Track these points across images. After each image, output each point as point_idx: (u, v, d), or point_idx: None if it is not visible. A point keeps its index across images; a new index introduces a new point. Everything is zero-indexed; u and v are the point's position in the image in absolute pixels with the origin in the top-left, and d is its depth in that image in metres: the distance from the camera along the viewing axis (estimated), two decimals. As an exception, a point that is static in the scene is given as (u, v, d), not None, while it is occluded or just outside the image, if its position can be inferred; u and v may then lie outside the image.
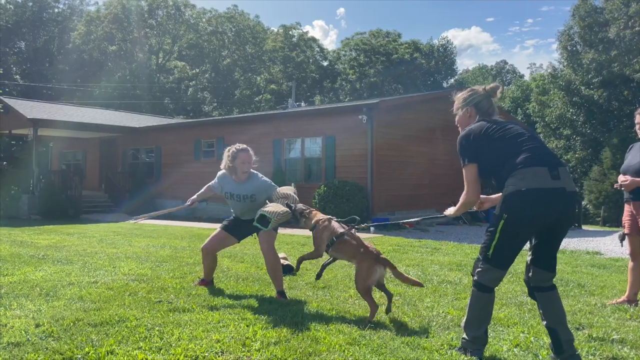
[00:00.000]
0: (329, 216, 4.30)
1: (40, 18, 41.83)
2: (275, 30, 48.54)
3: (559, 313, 2.96)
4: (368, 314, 3.94)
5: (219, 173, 4.81)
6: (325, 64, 48.90)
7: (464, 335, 3.08)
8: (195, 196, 5.04)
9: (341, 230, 4.06)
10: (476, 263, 3.06)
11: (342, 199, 13.09)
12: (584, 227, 17.40)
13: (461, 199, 3.11)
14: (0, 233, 10.40)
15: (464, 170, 3.05)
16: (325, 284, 5.32)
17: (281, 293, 4.52)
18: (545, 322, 3.00)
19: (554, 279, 3.05)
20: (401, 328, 3.66)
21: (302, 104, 41.49)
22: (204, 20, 44.83)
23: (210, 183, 4.97)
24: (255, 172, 4.74)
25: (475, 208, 3.37)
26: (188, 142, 18.24)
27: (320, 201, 13.36)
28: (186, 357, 2.87)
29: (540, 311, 3.03)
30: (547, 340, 3.50)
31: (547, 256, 3.00)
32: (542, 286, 3.02)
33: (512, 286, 5.56)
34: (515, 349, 3.29)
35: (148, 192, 19.04)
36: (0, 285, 4.78)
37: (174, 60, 45.49)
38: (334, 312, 4.03)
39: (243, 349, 3.04)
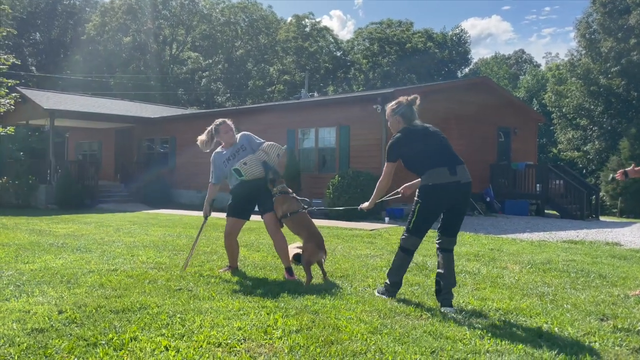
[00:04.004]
0: (290, 192, 5.03)
1: (54, 9, 42.08)
2: (288, 20, 48.35)
3: (449, 267, 4.00)
4: (388, 303, 3.96)
5: (211, 159, 5.21)
6: (338, 54, 48.62)
7: (387, 281, 4.26)
8: (205, 205, 5.33)
9: (297, 207, 4.93)
10: (403, 233, 4.17)
11: (356, 189, 13.02)
12: (601, 218, 17.17)
13: (377, 186, 4.28)
14: (19, 222, 10.54)
15: (385, 164, 4.21)
16: (343, 273, 5.31)
17: (288, 270, 4.96)
18: (438, 270, 4.04)
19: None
20: (422, 317, 3.63)
21: (315, 94, 41.40)
22: (217, 10, 44.76)
23: (210, 181, 5.27)
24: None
25: (401, 193, 4.56)
26: (202, 132, 18.24)
27: (334, 191, 13.33)
28: (209, 343, 2.87)
29: (439, 263, 4.06)
30: (572, 331, 3.46)
31: (450, 227, 4.06)
32: (445, 248, 4.05)
33: (532, 277, 5.50)
34: (539, 340, 3.25)
35: (163, 182, 19.15)
36: (21, 272, 4.83)
37: (188, 51, 45.54)
38: (353, 301, 4.01)
39: (265, 337, 3.03)
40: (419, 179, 4.11)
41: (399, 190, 4.52)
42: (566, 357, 2.91)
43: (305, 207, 5.08)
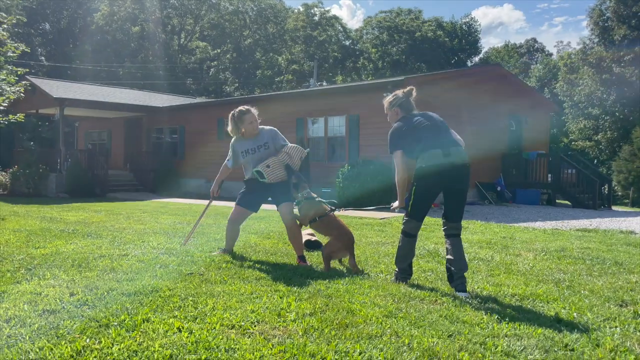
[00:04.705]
0: (315, 197, 4.96)
1: (63, -1, 42.05)
2: (297, 9, 48.02)
3: (458, 252, 3.99)
4: (401, 288, 3.92)
5: (232, 142, 5.15)
6: (347, 43, 48.28)
7: (396, 269, 4.28)
8: (214, 184, 5.40)
9: (324, 211, 4.84)
10: (403, 217, 4.21)
11: (366, 178, 12.93)
12: (613, 207, 16.98)
13: (396, 182, 4.18)
14: (30, 210, 10.58)
15: (393, 156, 4.18)
16: (355, 259, 5.25)
17: (301, 257, 4.94)
18: (447, 257, 4.04)
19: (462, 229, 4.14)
20: (437, 302, 3.57)
21: (324, 83, 41.16)
22: (225, -1, 44.54)
23: (224, 162, 5.29)
24: (261, 126, 5.12)
25: None
26: (211, 122, 18.22)
27: (344, 180, 13.25)
28: (222, 325, 2.83)
29: (447, 249, 4.06)
30: (591, 316, 3.39)
31: (451, 211, 4.08)
32: (451, 233, 4.05)
33: (547, 264, 5.42)
34: (558, 324, 3.17)
35: (172, 172, 19.16)
36: (33, 257, 4.82)
37: (196, 40, 45.41)
38: (366, 286, 3.95)
39: (278, 319, 2.99)
40: None
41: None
42: (588, 341, 2.84)
43: (333, 208, 5.00)
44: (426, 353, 2.56)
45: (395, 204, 4.35)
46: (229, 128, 5.10)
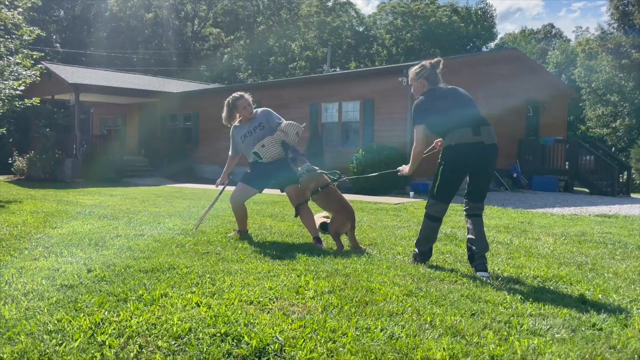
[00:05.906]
0: (316, 169, 4.91)
1: (77, -15, 42.09)
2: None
3: (479, 232, 3.89)
4: (420, 269, 3.85)
5: (231, 131, 5.25)
6: (361, 29, 47.80)
7: (415, 250, 4.17)
8: (223, 175, 5.54)
9: (325, 182, 4.80)
10: (428, 200, 4.06)
11: (381, 164, 12.81)
12: (632, 195, 16.69)
13: (412, 153, 4.05)
14: (47, 193, 10.67)
15: (414, 129, 4.03)
16: (371, 241, 5.21)
17: (317, 239, 4.89)
18: (468, 236, 3.94)
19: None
20: (457, 282, 3.51)
21: (337, 70, 40.84)
22: (238, -15, 44.24)
23: (229, 153, 5.39)
24: (255, 110, 5.20)
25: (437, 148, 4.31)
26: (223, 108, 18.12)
27: (358, 166, 13.17)
28: (241, 301, 2.79)
29: (468, 229, 3.96)
30: (617, 298, 3.30)
31: (475, 191, 3.95)
32: (473, 213, 3.94)
33: (568, 247, 5.32)
34: (583, 305, 3.09)
35: (186, 157, 19.20)
36: (50, 236, 4.84)
37: (209, 27, 45.27)
38: (384, 267, 3.90)
39: (297, 296, 2.94)
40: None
41: (434, 145, 4.35)
42: (616, 321, 2.76)
43: (336, 178, 4.95)
44: (449, 330, 2.50)
45: (405, 169, 4.28)
46: (223, 115, 5.18)
